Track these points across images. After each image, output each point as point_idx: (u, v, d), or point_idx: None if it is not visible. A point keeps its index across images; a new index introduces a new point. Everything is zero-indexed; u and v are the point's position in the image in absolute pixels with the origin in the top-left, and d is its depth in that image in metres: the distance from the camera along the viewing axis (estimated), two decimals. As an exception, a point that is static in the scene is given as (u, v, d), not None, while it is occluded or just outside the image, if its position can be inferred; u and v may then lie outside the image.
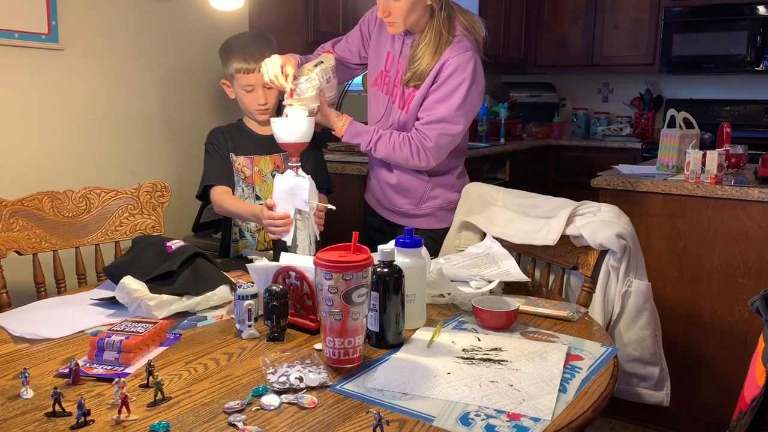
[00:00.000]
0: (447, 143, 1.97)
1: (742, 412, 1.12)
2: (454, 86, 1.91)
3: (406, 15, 1.88)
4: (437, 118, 1.93)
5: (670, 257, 2.47)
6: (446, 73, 1.91)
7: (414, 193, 2.09)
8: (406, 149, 1.95)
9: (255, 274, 1.47)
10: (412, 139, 1.95)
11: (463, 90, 1.91)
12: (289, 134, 1.70)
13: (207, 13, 2.64)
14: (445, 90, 1.92)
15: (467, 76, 1.91)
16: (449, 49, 1.91)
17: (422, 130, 1.95)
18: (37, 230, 1.78)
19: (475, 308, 1.41)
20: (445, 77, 1.91)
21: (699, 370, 2.47)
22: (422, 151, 1.95)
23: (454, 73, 1.90)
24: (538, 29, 4.88)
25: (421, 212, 2.11)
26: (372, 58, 2.12)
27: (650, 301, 1.70)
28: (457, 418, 1.00)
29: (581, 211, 1.72)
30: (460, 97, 1.91)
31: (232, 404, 1.03)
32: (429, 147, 1.94)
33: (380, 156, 2.01)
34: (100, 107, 2.42)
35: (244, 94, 2.03)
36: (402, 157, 1.97)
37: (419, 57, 1.93)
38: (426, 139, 1.94)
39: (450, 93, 1.91)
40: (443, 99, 1.92)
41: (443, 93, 1.92)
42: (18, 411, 1.02)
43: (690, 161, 2.40)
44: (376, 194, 2.20)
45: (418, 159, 1.96)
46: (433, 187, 2.09)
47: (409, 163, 1.98)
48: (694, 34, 4.26)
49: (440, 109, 1.92)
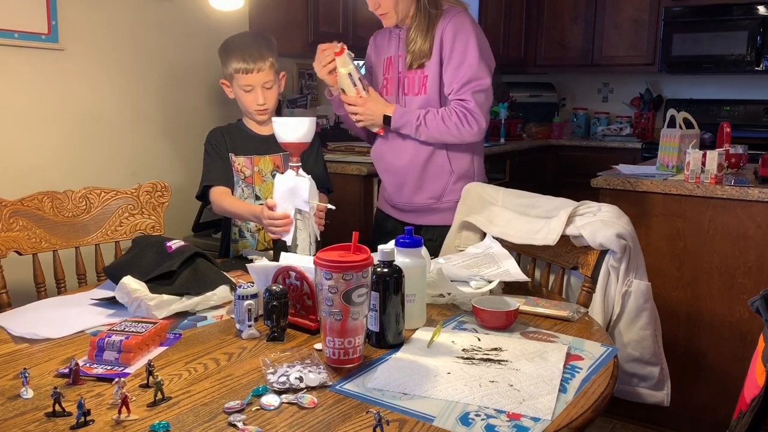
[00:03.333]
0: (484, 100, 2.02)
1: (742, 412, 1.12)
2: (463, 47, 1.98)
3: (395, 3, 1.98)
4: (465, 80, 1.98)
5: (670, 257, 2.47)
6: (449, 40, 1.99)
7: (436, 186, 2.10)
8: (454, 117, 1.99)
9: (255, 274, 1.47)
10: (454, 108, 1.99)
11: (473, 46, 1.99)
12: (290, 134, 1.70)
13: (207, 13, 2.64)
14: (457, 54, 1.99)
15: (470, 33, 1.99)
16: (440, 21, 2.01)
17: (458, 97, 2.00)
18: (37, 230, 1.78)
19: (475, 308, 1.41)
20: (450, 44, 1.99)
21: (699, 370, 2.47)
22: (468, 115, 1.99)
23: (457, 36, 1.98)
24: (538, 29, 4.88)
25: (443, 206, 2.11)
26: (375, 74, 2.19)
27: (650, 301, 1.70)
28: (457, 418, 1.00)
29: (581, 211, 1.72)
30: (474, 53, 1.98)
31: (232, 404, 1.03)
32: (471, 108, 1.98)
33: (431, 129, 2.01)
34: (99, 107, 2.42)
35: (243, 95, 2.03)
36: (453, 125, 1.99)
37: (413, 38, 2.03)
38: (465, 101, 1.99)
39: (463, 54, 1.98)
40: (461, 62, 1.99)
41: (458, 58, 1.99)
42: (18, 411, 1.02)
43: (690, 161, 2.40)
44: (391, 196, 2.19)
45: (468, 124, 1.99)
46: (456, 180, 2.10)
47: (461, 131, 2.00)
48: (694, 34, 4.26)
49: (463, 71, 1.99)
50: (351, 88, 2.02)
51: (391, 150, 2.13)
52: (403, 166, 2.11)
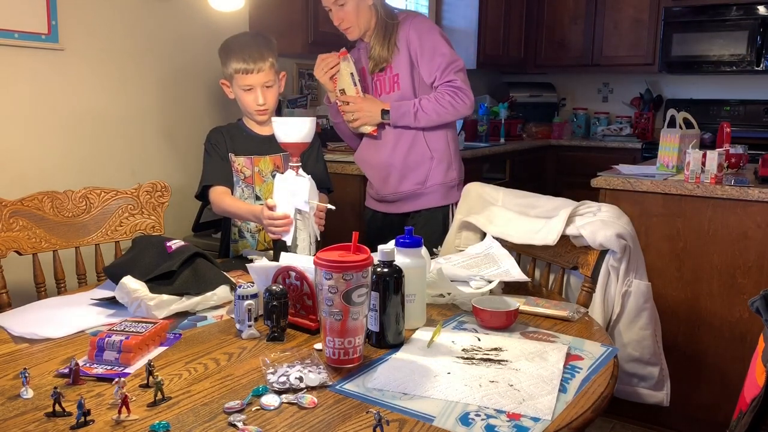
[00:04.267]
0: (465, 76, 2.22)
1: (742, 412, 1.12)
2: (432, 42, 2.19)
3: (355, 16, 2.18)
4: (445, 65, 2.18)
5: (670, 257, 2.47)
6: (415, 41, 2.19)
7: (420, 171, 2.26)
8: (447, 97, 2.17)
9: (255, 274, 1.47)
10: (444, 90, 2.19)
11: (440, 38, 2.21)
12: (290, 134, 1.70)
13: (207, 13, 2.64)
14: (428, 50, 2.19)
15: (432, 29, 2.22)
16: (400, 29, 2.21)
17: (444, 80, 2.18)
18: (37, 230, 1.78)
19: (475, 308, 1.41)
20: (418, 43, 2.19)
21: (699, 370, 2.47)
22: (458, 91, 2.18)
23: (423, 35, 2.19)
24: (538, 29, 4.88)
25: (428, 190, 2.28)
26: None
27: (650, 301, 1.70)
28: (457, 418, 1.00)
29: (581, 211, 1.72)
30: (443, 43, 2.20)
31: (232, 404, 1.03)
32: (459, 85, 2.18)
33: (428, 112, 2.19)
34: (99, 107, 2.42)
35: (243, 95, 2.03)
36: (446, 103, 2.17)
37: (372, 45, 2.24)
38: (452, 81, 2.18)
39: (434, 47, 2.19)
40: (434, 54, 2.19)
41: (430, 51, 2.19)
42: (18, 411, 1.02)
43: (690, 161, 2.40)
44: (378, 190, 2.31)
45: (460, 100, 2.18)
46: (437, 163, 2.27)
47: (455, 107, 2.18)
48: (694, 34, 4.26)
49: (438, 60, 2.18)
50: (352, 87, 2.16)
51: (374, 147, 2.31)
52: (386, 158, 2.28)
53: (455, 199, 2.25)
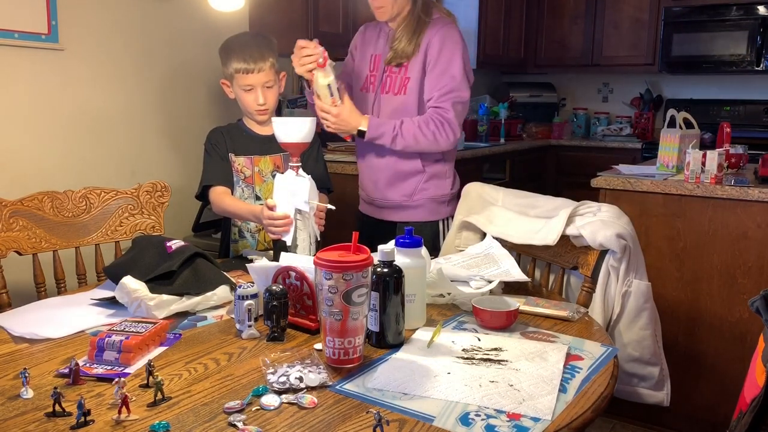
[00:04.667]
0: (461, 111, 2.06)
1: (742, 412, 1.12)
2: (448, 58, 2.02)
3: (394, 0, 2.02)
4: (447, 90, 2.01)
5: (670, 257, 2.47)
6: (435, 48, 2.03)
7: (408, 183, 2.13)
8: (432, 126, 2.00)
9: (255, 274, 1.47)
10: (432, 117, 2.01)
11: (458, 58, 2.03)
12: (291, 134, 1.70)
13: (207, 13, 2.64)
14: (442, 64, 2.02)
15: (456, 45, 2.04)
16: (429, 29, 2.05)
17: (438, 104, 2.02)
18: (37, 230, 1.78)
19: (475, 308, 1.41)
20: (437, 52, 2.03)
21: (699, 370, 2.47)
22: (445, 124, 2.01)
23: (444, 46, 2.03)
24: (538, 29, 4.88)
25: (414, 203, 2.14)
26: (358, 68, 2.20)
27: (650, 301, 1.70)
28: (457, 418, 1.00)
29: (581, 211, 1.73)
30: (458, 65, 2.03)
31: (232, 404, 1.03)
32: (449, 118, 2.01)
33: (407, 139, 2.01)
34: (99, 107, 2.42)
35: (244, 94, 2.03)
36: (429, 133, 2.00)
37: (398, 36, 2.07)
38: (445, 110, 2.01)
39: (448, 64, 2.02)
40: (444, 72, 2.02)
41: (442, 67, 2.02)
42: (18, 411, 1.02)
43: (690, 161, 2.40)
44: (369, 193, 2.22)
45: (444, 133, 2.01)
46: (427, 178, 2.12)
47: (438, 140, 2.01)
48: (694, 34, 4.26)
49: (445, 80, 2.02)
50: (328, 97, 1.96)
51: (366, 148, 2.16)
52: (379, 162, 2.14)
53: (446, 214, 2.15)
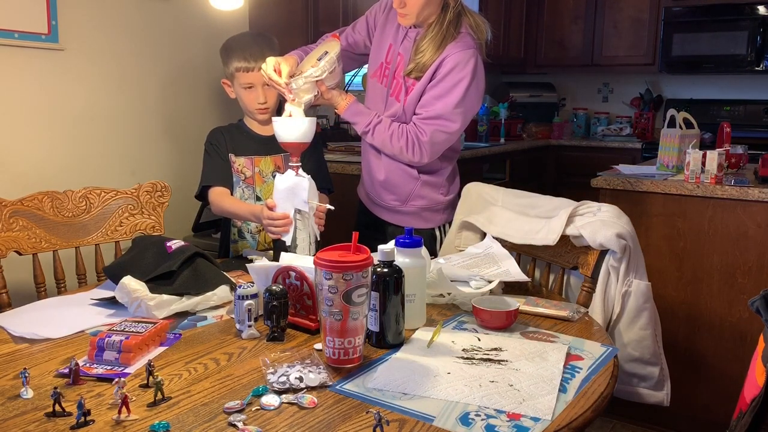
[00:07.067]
0: (442, 140, 1.94)
1: (742, 412, 1.12)
2: (453, 83, 1.88)
3: (422, 8, 1.87)
4: (434, 115, 1.90)
5: (670, 257, 2.47)
6: (445, 69, 1.88)
7: (401, 190, 2.05)
8: (402, 140, 1.92)
9: (255, 274, 1.47)
10: (409, 132, 1.92)
11: (462, 88, 1.88)
12: (291, 134, 1.70)
13: (207, 13, 2.64)
14: (443, 86, 1.89)
15: (467, 74, 1.88)
16: (451, 45, 1.89)
17: (419, 124, 1.92)
18: (37, 230, 1.78)
19: (475, 308, 1.41)
20: (444, 73, 1.88)
21: (699, 370, 2.47)
22: (417, 145, 1.91)
23: (454, 70, 1.88)
24: (538, 29, 4.88)
25: (406, 210, 2.07)
26: (374, 50, 2.09)
27: (650, 301, 1.70)
28: (457, 418, 1.00)
29: (581, 211, 1.72)
30: (458, 94, 1.88)
31: (232, 404, 1.03)
32: (424, 141, 1.91)
33: (376, 141, 1.97)
34: (99, 107, 2.42)
35: (244, 93, 2.03)
36: (397, 147, 1.93)
37: (423, 49, 1.91)
38: (422, 133, 1.91)
39: (449, 90, 1.89)
40: (441, 96, 1.89)
41: (442, 89, 1.89)
42: (18, 411, 1.02)
43: (690, 161, 2.40)
44: (366, 188, 2.17)
45: (411, 152, 1.93)
46: (421, 186, 2.04)
47: (403, 154, 1.94)
48: (694, 34, 4.26)
49: (438, 105, 1.89)
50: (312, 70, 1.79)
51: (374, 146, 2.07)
52: (377, 162, 2.06)
53: (441, 222, 2.09)
